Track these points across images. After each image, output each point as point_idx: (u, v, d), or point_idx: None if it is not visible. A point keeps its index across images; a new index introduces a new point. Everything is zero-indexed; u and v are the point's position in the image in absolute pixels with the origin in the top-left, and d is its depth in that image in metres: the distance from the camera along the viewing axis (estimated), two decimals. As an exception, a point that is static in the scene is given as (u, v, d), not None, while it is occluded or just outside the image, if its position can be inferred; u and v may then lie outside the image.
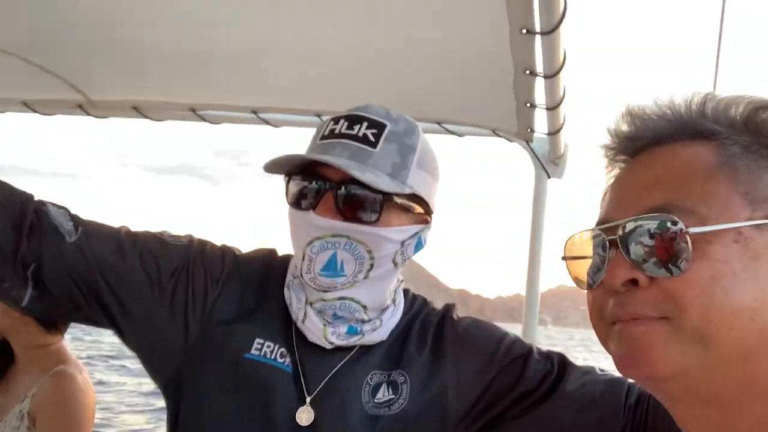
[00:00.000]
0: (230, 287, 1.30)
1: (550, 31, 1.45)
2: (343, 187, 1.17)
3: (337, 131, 1.21)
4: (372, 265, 1.21)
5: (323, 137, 1.22)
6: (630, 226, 0.73)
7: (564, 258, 0.85)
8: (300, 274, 1.22)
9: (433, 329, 1.34)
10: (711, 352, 0.69)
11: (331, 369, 1.25)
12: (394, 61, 1.92)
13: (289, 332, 1.27)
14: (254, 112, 2.45)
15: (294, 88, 2.26)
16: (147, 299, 1.24)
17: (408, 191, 1.21)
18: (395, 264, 1.26)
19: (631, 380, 1.21)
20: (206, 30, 1.77)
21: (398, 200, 1.21)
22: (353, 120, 1.22)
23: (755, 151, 0.74)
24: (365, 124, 1.21)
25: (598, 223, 0.79)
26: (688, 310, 0.69)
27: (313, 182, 1.19)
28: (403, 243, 1.25)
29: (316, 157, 1.17)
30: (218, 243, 1.37)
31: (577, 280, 0.82)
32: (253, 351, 1.24)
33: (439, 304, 1.41)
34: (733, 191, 0.71)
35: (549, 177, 2.46)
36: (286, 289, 1.30)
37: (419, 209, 1.26)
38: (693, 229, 0.69)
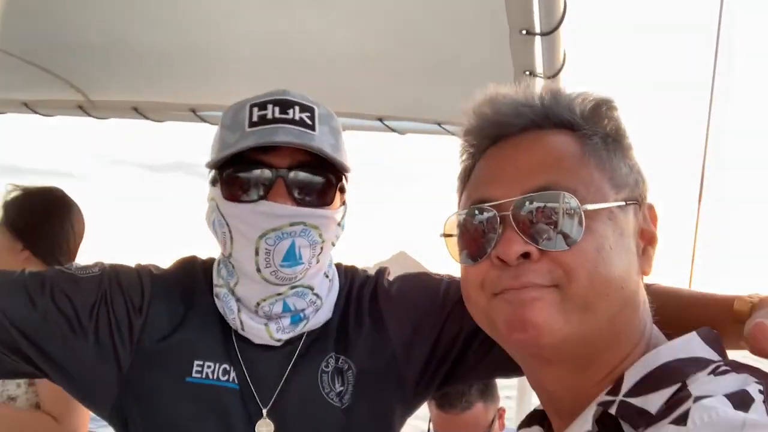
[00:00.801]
0: (155, 308, 1.22)
1: (550, 32, 1.46)
2: (294, 172, 1.13)
3: (269, 116, 1.15)
4: (321, 249, 1.18)
5: (253, 124, 1.15)
6: (522, 203, 0.80)
7: (444, 235, 0.91)
8: (257, 269, 1.14)
9: (367, 300, 1.29)
10: (589, 319, 0.78)
11: (283, 369, 1.20)
12: (393, 62, 1.92)
13: (229, 342, 1.21)
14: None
15: (293, 88, 2.26)
16: (69, 341, 1.17)
17: (348, 172, 1.20)
18: (332, 245, 1.23)
19: None
20: (207, 31, 1.77)
21: (342, 181, 1.20)
22: (283, 104, 1.17)
23: (610, 142, 0.85)
24: (297, 108, 1.17)
25: (479, 201, 0.85)
26: (578, 279, 0.77)
27: (258, 170, 1.14)
28: (339, 224, 1.23)
29: (270, 141, 1.11)
30: (132, 264, 1.29)
31: (458, 254, 0.88)
32: (194, 374, 1.18)
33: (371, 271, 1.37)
34: (602, 176, 0.82)
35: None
36: (216, 299, 1.23)
37: (346, 189, 1.24)
38: (589, 206, 0.79)
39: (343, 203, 1.25)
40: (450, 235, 0.90)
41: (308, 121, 1.16)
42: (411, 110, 2.37)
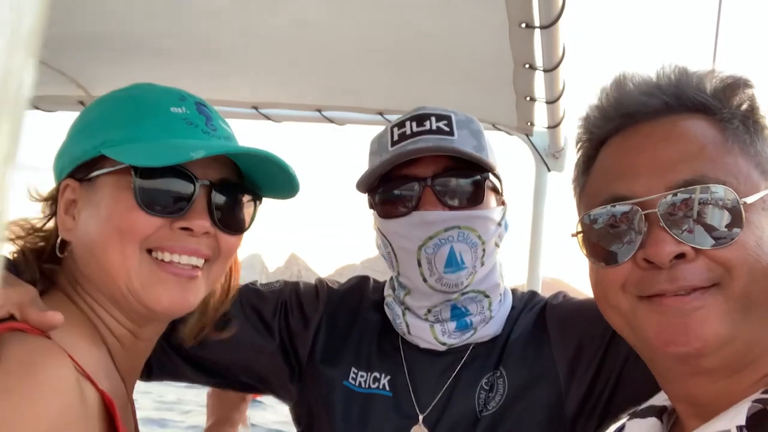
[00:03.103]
0: (328, 320, 1.32)
1: (549, 25, 1.46)
2: (440, 179, 1.16)
3: (408, 133, 1.19)
4: (484, 251, 1.19)
5: (395, 143, 1.19)
6: (669, 199, 0.72)
7: (577, 233, 0.83)
8: (423, 280, 1.18)
9: (534, 320, 1.30)
10: (752, 318, 0.72)
11: (445, 378, 1.21)
12: (393, 56, 1.92)
13: (394, 349, 1.26)
14: (255, 107, 2.45)
15: (294, 83, 2.26)
16: (257, 345, 1.30)
17: (496, 170, 1.23)
18: (497, 246, 1.25)
19: None
20: (209, 26, 1.77)
21: (491, 180, 1.22)
22: (420, 118, 1.21)
23: (751, 125, 0.77)
24: (433, 118, 1.21)
25: (615, 198, 0.78)
26: (741, 276, 0.71)
27: (404, 185, 1.18)
28: (499, 223, 1.24)
29: (408, 152, 1.14)
30: (312, 281, 1.41)
31: (593, 256, 0.81)
32: (350, 380, 1.26)
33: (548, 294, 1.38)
34: (748, 163, 0.75)
35: (549, 170, 2.47)
36: (386, 308, 1.30)
37: (500, 189, 1.27)
38: (749, 198, 0.71)
39: (502, 203, 1.28)
40: (580, 233, 0.83)
41: (446, 128, 1.19)
42: (411, 104, 2.37)
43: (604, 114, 0.84)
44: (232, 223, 1.05)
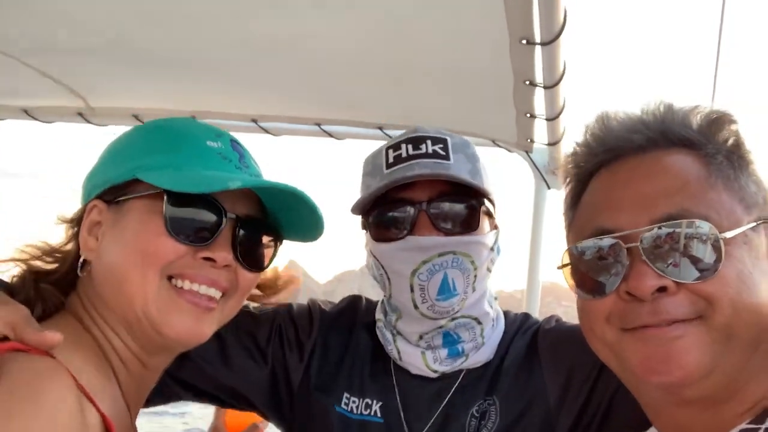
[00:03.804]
0: (322, 345, 1.32)
1: (550, 42, 1.45)
2: (435, 203, 1.16)
3: (403, 155, 1.19)
4: (476, 276, 1.19)
5: (390, 165, 1.19)
6: (651, 233, 0.74)
7: (562, 266, 0.85)
8: (414, 306, 1.17)
9: (527, 345, 1.29)
10: (735, 348, 0.73)
11: (437, 404, 1.21)
12: (394, 71, 1.92)
13: (386, 374, 1.26)
14: (254, 120, 2.45)
15: (294, 96, 2.26)
16: (250, 370, 1.30)
17: (491, 195, 1.23)
18: (489, 271, 1.25)
19: None
20: (208, 37, 1.77)
21: (486, 205, 1.22)
22: (416, 141, 1.20)
23: (735, 160, 0.79)
24: (428, 141, 1.20)
25: (599, 231, 0.79)
26: (723, 308, 0.72)
27: (400, 208, 1.17)
28: (492, 248, 1.24)
29: (403, 178, 1.14)
30: (304, 302, 1.40)
31: (580, 288, 0.82)
32: (342, 405, 1.25)
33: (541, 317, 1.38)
34: (732, 198, 0.77)
35: (549, 188, 2.46)
36: (378, 332, 1.29)
37: (493, 213, 1.26)
38: (728, 233, 0.73)
39: (495, 227, 1.27)
40: (567, 266, 0.84)
41: (441, 152, 1.19)
42: (411, 119, 2.37)
43: (590, 150, 0.85)
44: (253, 259, 1.07)
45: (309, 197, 1.04)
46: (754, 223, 0.76)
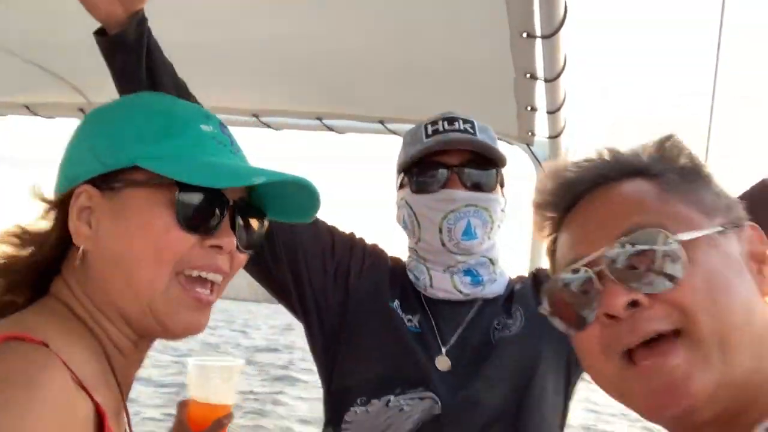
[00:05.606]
0: (371, 267, 1.60)
1: (551, 35, 1.46)
2: (464, 167, 1.48)
3: (440, 129, 1.50)
4: (491, 227, 1.50)
5: (429, 136, 1.50)
6: (613, 251, 0.75)
7: (549, 310, 0.85)
8: (442, 244, 1.48)
9: (530, 285, 1.60)
10: (733, 356, 0.71)
11: (462, 320, 1.51)
12: (395, 65, 1.92)
13: (419, 302, 1.54)
14: (255, 115, 2.45)
15: (295, 91, 2.26)
16: (321, 270, 1.56)
17: (505, 164, 1.54)
18: (499, 227, 1.55)
19: None
20: (209, 33, 1.78)
21: (501, 174, 1.53)
22: (450, 119, 1.52)
23: (686, 174, 0.81)
24: (461, 120, 1.51)
25: (569, 263, 0.80)
26: (698, 317, 0.71)
27: (437, 168, 1.48)
28: (502, 210, 1.55)
29: (444, 142, 1.46)
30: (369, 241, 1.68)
31: (568, 325, 0.82)
32: (393, 305, 1.53)
33: None
34: (688, 208, 0.77)
35: (550, 180, 2.46)
36: (408, 273, 1.58)
37: (504, 184, 1.56)
38: (682, 236, 0.73)
39: (503, 195, 1.56)
40: (554, 305, 0.84)
41: (471, 130, 1.51)
42: (412, 113, 2.37)
43: (551, 201, 0.88)
44: (248, 241, 1.07)
45: (316, 188, 1.04)
46: (720, 228, 0.76)
